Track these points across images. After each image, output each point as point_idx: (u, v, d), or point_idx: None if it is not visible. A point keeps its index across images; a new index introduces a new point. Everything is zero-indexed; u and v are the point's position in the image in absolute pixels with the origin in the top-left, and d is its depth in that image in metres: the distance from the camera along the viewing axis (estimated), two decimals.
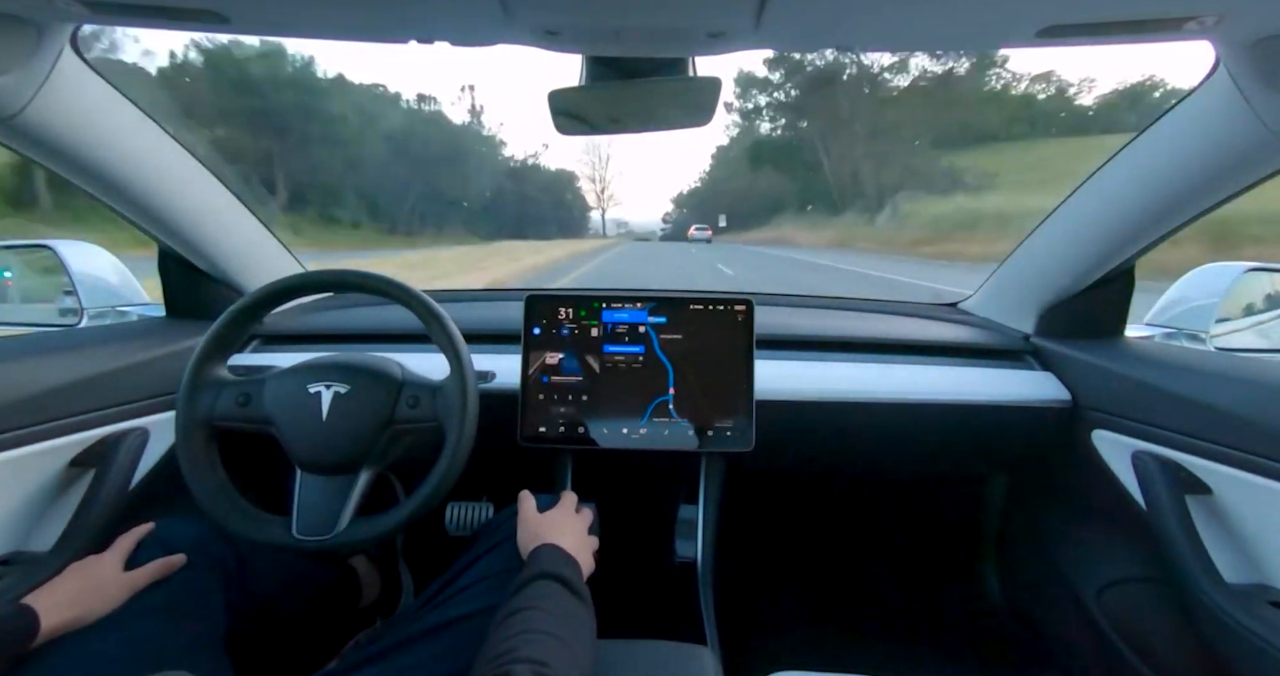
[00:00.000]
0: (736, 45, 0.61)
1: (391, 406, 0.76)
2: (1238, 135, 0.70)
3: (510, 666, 0.47)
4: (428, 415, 0.76)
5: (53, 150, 0.76)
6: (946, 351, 1.09)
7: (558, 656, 0.50)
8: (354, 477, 0.74)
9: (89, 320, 1.15)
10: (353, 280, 0.80)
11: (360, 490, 0.74)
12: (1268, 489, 0.70)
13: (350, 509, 0.73)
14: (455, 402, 0.74)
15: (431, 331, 0.78)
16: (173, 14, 0.58)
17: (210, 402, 0.74)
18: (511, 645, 0.50)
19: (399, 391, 0.77)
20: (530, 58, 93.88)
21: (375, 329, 1.10)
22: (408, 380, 0.78)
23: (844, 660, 0.67)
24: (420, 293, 0.79)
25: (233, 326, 0.77)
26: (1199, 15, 0.53)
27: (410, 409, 0.76)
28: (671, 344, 0.95)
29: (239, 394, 0.75)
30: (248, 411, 0.74)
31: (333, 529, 0.72)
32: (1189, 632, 0.79)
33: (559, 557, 0.65)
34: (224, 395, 0.75)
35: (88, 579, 0.65)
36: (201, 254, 1.01)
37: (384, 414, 0.75)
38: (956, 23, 0.58)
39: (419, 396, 0.76)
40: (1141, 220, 0.87)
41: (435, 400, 0.76)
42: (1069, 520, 1.08)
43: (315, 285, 0.84)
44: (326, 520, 0.72)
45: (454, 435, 0.73)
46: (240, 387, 0.75)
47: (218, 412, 0.74)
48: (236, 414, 0.74)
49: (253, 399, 0.75)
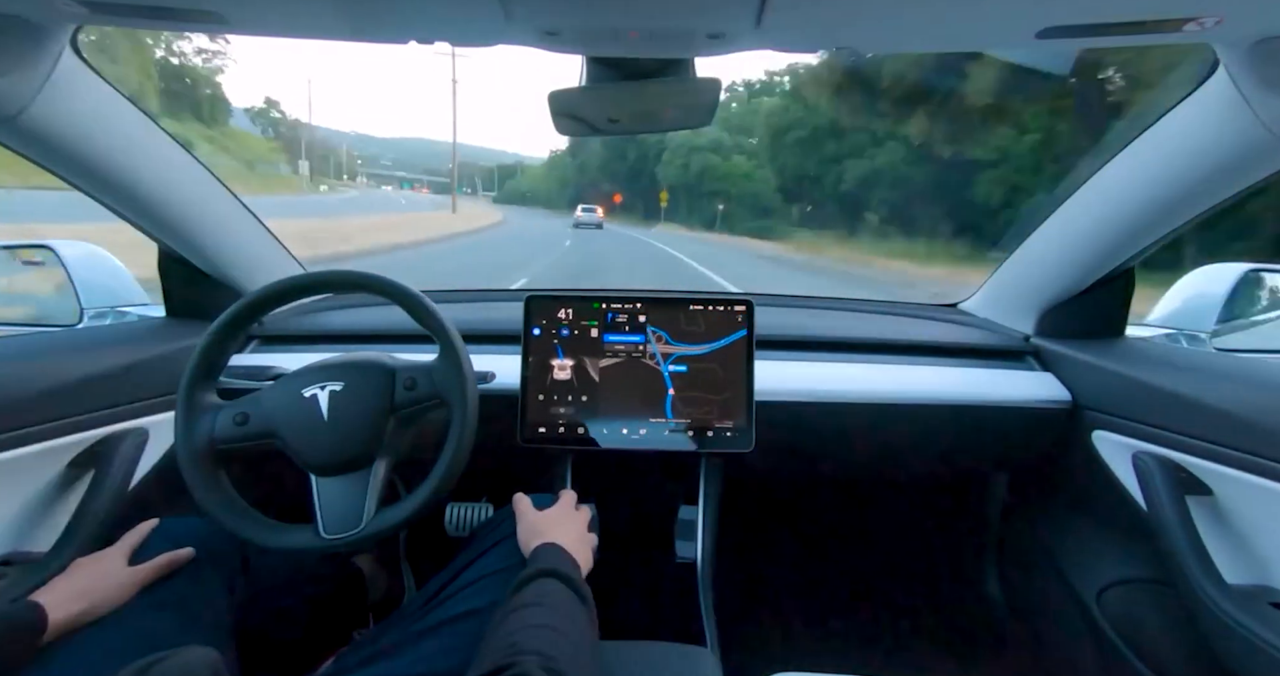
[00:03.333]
0: (737, 46, 0.61)
1: (389, 392, 0.75)
2: (1237, 136, 0.70)
3: (518, 657, 0.47)
4: (427, 394, 0.75)
5: (53, 151, 0.76)
6: (946, 352, 1.09)
7: (562, 651, 0.50)
8: (368, 471, 0.74)
9: (89, 320, 1.15)
10: (349, 280, 0.80)
11: (378, 482, 0.74)
12: (1268, 489, 0.70)
13: (373, 501, 0.73)
14: (451, 373, 0.75)
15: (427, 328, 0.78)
16: (172, 14, 0.58)
17: (209, 428, 0.73)
18: (516, 639, 0.50)
19: (393, 377, 0.76)
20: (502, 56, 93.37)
21: (375, 329, 1.10)
22: (399, 365, 0.78)
23: (844, 660, 0.67)
24: (417, 292, 0.79)
25: (221, 341, 0.76)
26: (1199, 16, 0.53)
27: (408, 391, 0.75)
28: (671, 344, 0.95)
29: (235, 414, 0.74)
30: (248, 429, 0.73)
31: (359, 524, 0.71)
32: (1189, 633, 0.79)
33: (559, 555, 0.65)
34: (220, 418, 0.73)
35: (94, 574, 0.65)
36: (201, 254, 1.01)
37: (384, 402, 0.75)
38: (956, 23, 0.58)
39: (414, 378, 0.76)
40: (1141, 221, 0.87)
41: (431, 377, 0.76)
42: (1069, 521, 1.08)
43: (309, 287, 0.83)
44: (351, 516, 0.72)
45: (459, 406, 0.73)
46: (235, 408, 0.74)
47: (218, 436, 0.73)
48: (237, 435, 0.73)
49: (251, 417, 0.74)
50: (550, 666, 0.47)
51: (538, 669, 0.46)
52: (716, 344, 0.95)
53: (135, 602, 0.65)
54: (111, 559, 0.67)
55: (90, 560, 0.68)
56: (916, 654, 1.21)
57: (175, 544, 0.71)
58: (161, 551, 0.69)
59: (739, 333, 0.95)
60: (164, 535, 0.73)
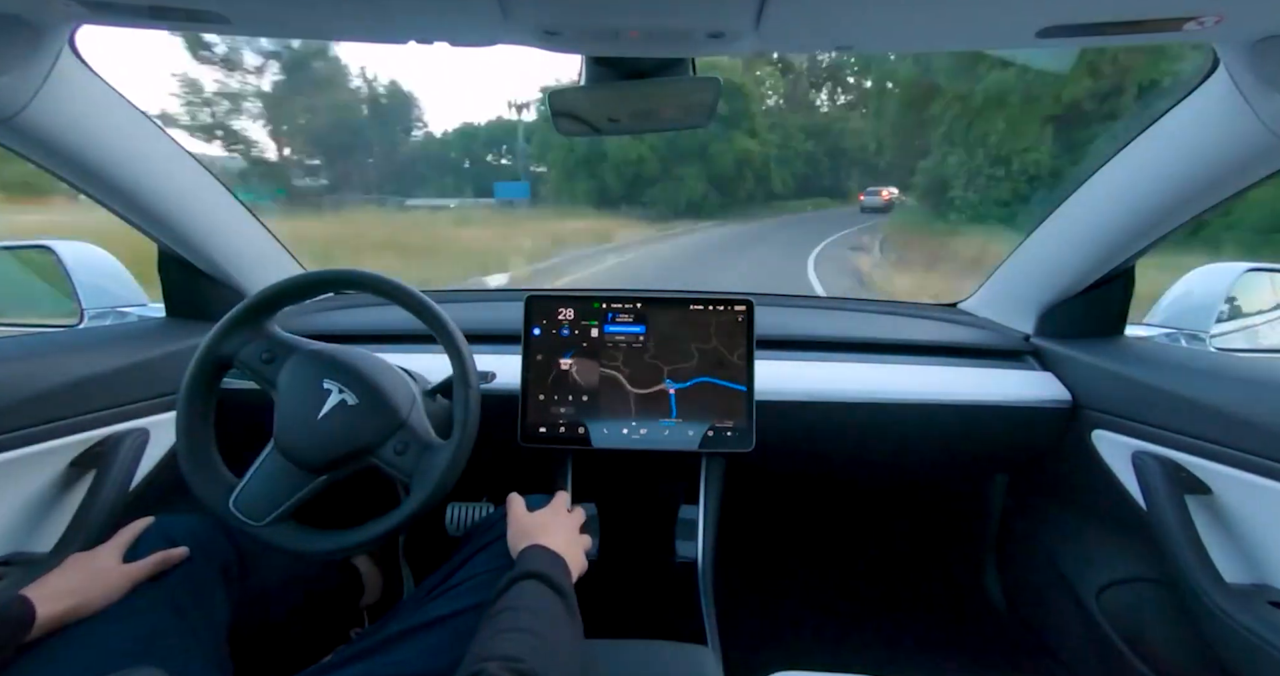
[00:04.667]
0: (736, 46, 0.61)
1: (380, 440, 0.74)
2: (1238, 135, 0.70)
3: (481, 666, 0.47)
4: (405, 469, 0.73)
5: (52, 151, 0.76)
6: (946, 352, 1.09)
7: (533, 650, 0.50)
8: (310, 479, 0.73)
9: (89, 320, 1.15)
10: (352, 280, 0.80)
11: (306, 493, 0.73)
12: (1268, 489, 0.70)
13: (286, 507, 0.72)
14: (440, 463, 0.72)
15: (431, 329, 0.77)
16: (173, 14, 0.58)
17: (240, 343, 0.76)
18: (487, 646, 0.51)
19: (395, 431, 0.75)
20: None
21: (376, 329, 1.10)
22: (409, 423, 0.76)
23: (844, 660, 0.67)
24: (420, 293, 0.78)
25: (282, 296, 0.78)
26: (1199, 15, 0.53)
27: (395, 454, 0.74)
28: (671, 344, 0.95)
29: (267, 350, 0.76)
30: (266, 369, 0.75)
31: (264, 517, 0.72)
32: (1189, 632, 0.79)
33: (544, 557, 0.65)
34: (256, 344, 0.76)
35: (86, 570, 0.65)
36: (201, 254, 1.01)
37: (369, 443, 0.73)
38: (956, 23, 0.58)
39: (409, 445, 0.74)
40: (1141, 220, 0.87)
41: (420, 457, 0.74)
42: (1069, 520, 1.08)
43: (314, 285, 0.83)
44: (263, 505, 0.72)
45: (418, 494, 0.71)
46: (272, 345, 0.77)
47: (242, 354, 0.75)
48: (256, 364, 0.75)
49: (276, 360, 0.76)
50: (517, 667, 0.47)
51: (502, 670, 0.46)
52: (717, 343, 0.95)
53: (129, 600, 0.65)
54: (104, 556, 0.67)
55: (83, 557, 0.67)
56: (916, 653, 1.21)
57: (170, 542, 0.71)
58: (156, 549, 0.69)
59: (739, 332, 0.95)
60: (159, 533, 0.72)
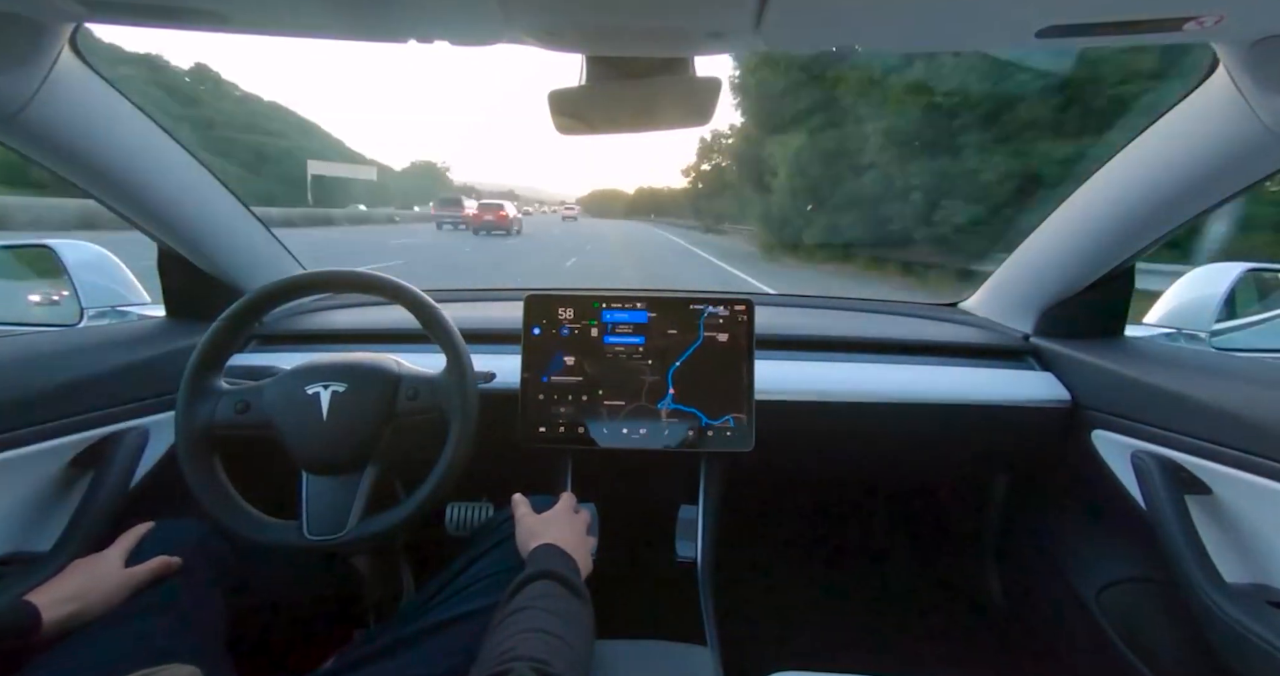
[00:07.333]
0: (736, 45, 0.61)
1: (391, 400, 0.76)
2: (1237, 135, 0.70)
3: (510, 664, 0.47)
4: (428, 404, 0.76)
5: (52, 150, 0.76)
6: (946, 351, 1.09)
7: (557, 654, 0.50)
8: (360, 475, 0.74)
9: (89, 320, 1.15)
10: (349, 280, 0.80)
11: (367, 486, 0.74)
12: (1267, 489, 0.70)
13: (359, 506, 0.73)
14: (454, 389, 0.75)
15: (429, 329, 0.78)
16: (172, 14, 0.58)
17: (209, 411, 0.74)
18: (511, 644, 0.50)
19: (397, 385, 0.77)
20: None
21: (374, 329, 1.10)
22: (405, 374, 0.79)
23: (844, 660, 0.67)
24: (418, 291, 0.79)
25: (227, 332, 0.77)
26: (1199, 15, 0.53)
27: (410, 400, 0.76)
28: (671, 344, 0.95)
29: (237, 401, 0.75)
30: (247, 418, 0.74)
31: (344, 527, 0.72)
32: (1189, 632, 0.79)
33: (557, 557, 0.65)
34: (223, 403, 0.75)
35: (89, 575, 0.65)
36: (201, 254, 1.01)
37: (385, 408, 0.75)
38: (956, 23, 0.58)
39: (418, 388, 0.77)
40: (1141, 220, 0.87)
41: (434, 390, 0.77)
42: (1069, 520, 1.08)
43: (311, 285, 0.84)
44: (337, 519, 0.72)
45: (457, 421, 0.74)
46: (238, 395, 0.76)
47: (217, 420, 0.74)
48: (236, 421, 0.74)
49: (252, 406, 0.75)
50: (544, 670, 0.47)
51: (529, 670, 0.46)
52: (716, 343, 0.95)
53: (130, 605, 0.65)
54: (107, 561, 0.68)
55: (85, 561, 0.68)
56: (916, 653, 1.21)
57: (172, 546, 0.71)
58: (157, 553, 0.69)
59: (739, 332, 0.95)
60: (160, 537, 0.72)
